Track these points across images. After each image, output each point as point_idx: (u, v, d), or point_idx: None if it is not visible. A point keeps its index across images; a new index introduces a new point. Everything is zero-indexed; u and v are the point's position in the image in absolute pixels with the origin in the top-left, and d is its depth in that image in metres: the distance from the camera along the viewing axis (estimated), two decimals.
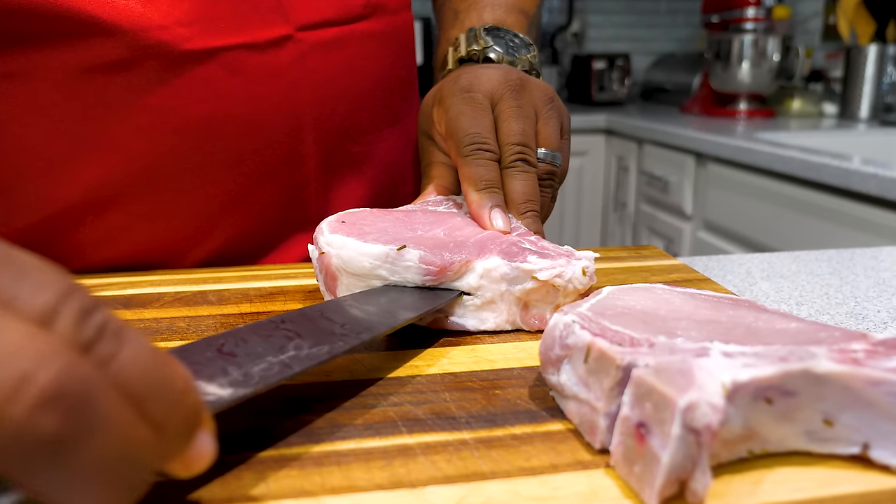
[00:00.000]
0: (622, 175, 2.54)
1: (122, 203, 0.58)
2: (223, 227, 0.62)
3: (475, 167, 0.51)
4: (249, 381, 0.30)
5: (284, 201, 0.64)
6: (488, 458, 0.31)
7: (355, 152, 0.67)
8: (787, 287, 0.60)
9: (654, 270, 0.57)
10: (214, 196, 0.61)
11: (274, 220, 0.64)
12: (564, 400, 0.34)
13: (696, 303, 0.37)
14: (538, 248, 0.45)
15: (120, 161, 0.57)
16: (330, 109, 0.64)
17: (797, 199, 1.61)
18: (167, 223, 0.60)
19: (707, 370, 0.28)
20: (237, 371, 0.31)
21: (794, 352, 0.30)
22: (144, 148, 0.57)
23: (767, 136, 1.92)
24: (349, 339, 0.36)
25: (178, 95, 0.56)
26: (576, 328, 0.33)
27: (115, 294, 0.51)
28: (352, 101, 0.65)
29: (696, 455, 0.27)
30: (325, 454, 0.31)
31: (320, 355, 0.34)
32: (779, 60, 2.35)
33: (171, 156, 0.58)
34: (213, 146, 0.59)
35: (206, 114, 0.57)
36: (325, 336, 0.36)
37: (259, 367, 0.32)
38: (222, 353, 0.32)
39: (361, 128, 0.67)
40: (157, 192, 0.59)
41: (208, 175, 0.60)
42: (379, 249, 0.44)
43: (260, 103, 0.59)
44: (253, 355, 0.33)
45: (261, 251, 0.65)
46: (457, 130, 0.53)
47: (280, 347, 0.34)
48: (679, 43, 3.31)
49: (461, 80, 0.56)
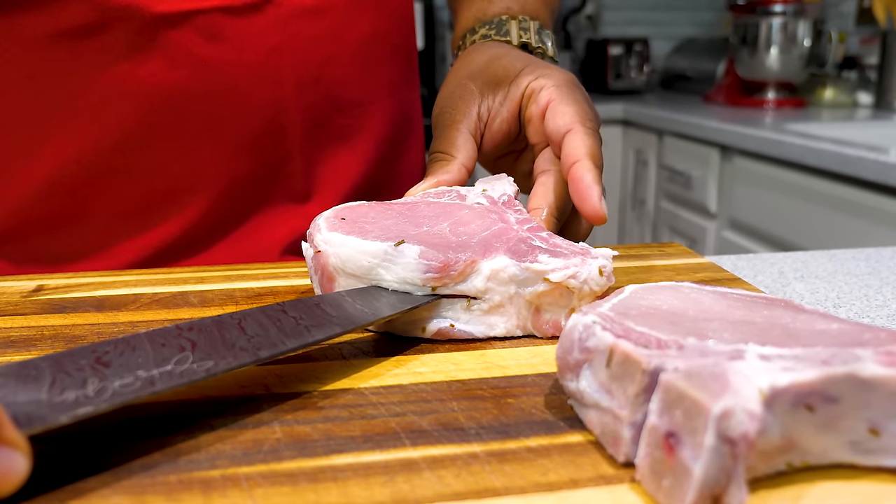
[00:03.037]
0: (641, 170, 2.53)
1: (95, 174, 0.59)
2: (200, 199, 0.63)
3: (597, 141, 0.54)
4: (96, 399, 0.31)
5: (266, 174, 0.65)
6: (501, 472, 0.30)
7: (344, 125, 0.68)
8: (823, 288, 0.60)
9: (679, 269, 0.57)
10: (191, 167, 0.61)
11: (254, 195, 0.65)
12: (584, 409, 0.34)
13: (727, 302, 0.37)
14: (550, 246, 0.45)
15: (93, 130, 0.58)
16: (314, 77, 0.64)
17: (830, 195, 1.61)
18: (142, 194, 0.61)
19: (742, 374, 0.28)
20: (94, 385, 0.31)
21: (837, 354, 0.30)
22: (118, 117, 0.58)
23: (798, 127, 1.92)
24: (243, 356, 0.35)
25: (151, 62, 0.57)
26: (597, 329, 0.33)
27: (87, 295, 0.51)
28: (338, 69, 0.65)
29: (731, 468, 0.27)
30: (321, 469, 0.31)
31: (196, 372, 0.34)
32: (810, 46, 2.35)
33: (145, 125, 0.59)
34: (189, 115, 0.60)
35: (181, 81, 0.58)
36: (220, 349, 0.36)
37: (120, 382, 0.32)
38: (98, 363, 0.33)
39: (350, 99, 0.67)
40: (131, 163, 0.60)
41: (184, 145, 0.60)
42: (376, 246, 0.44)
43: (238, 70, 0.60)
44: (126, 367, 0.33)
45: (240, 226, 0.66)
46: (588, 110, 0.56)
47: (163, 359, 0.34)
48: (702, 27, 3.31)
49: (562, 73, 0.58)
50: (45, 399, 0.30)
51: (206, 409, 0.35)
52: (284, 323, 0.39)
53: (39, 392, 0.31)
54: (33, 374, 0.32)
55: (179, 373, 0.33)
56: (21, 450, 0.27)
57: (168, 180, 0.61)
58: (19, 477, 0.27)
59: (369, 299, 0.43)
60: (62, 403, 0.30)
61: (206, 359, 0.35)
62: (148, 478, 0.30)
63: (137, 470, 0.31)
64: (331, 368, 0.40)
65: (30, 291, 0.52)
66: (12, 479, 0.27)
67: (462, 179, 0.55)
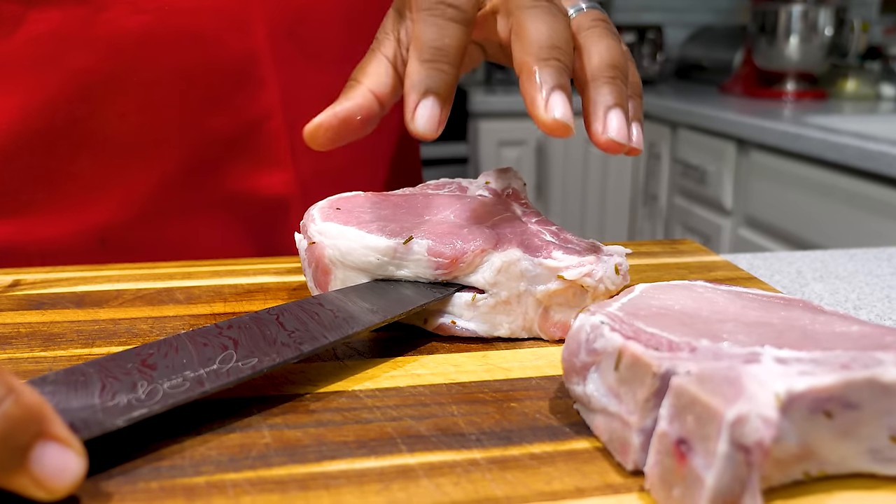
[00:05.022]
0: (653, 164, 2.53)
1: (56, 126, 0.59)
2: (171, 153, 0.63)
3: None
4: (148, 402, 0.32)
5: (243, 131, 0.65)
6: (503, 481, 0.30)
7: (326, 84, 0.67)
8: (843, 289, 0.60)
9: (691, 267, 0.57)
10: (160, 118, 0.61)
11: (230, 153, 0.65)
12: (591, 414, 0.34)
13: (742, 302, 0.37)
14: (561, 241, 0.45)
15: (51, 80, 0.58)
16: (287, 29, 0.64)
17: (851, 191, 1.60)
18: (109, 146, 0.61)
19: (758, 378, 0.28)
20: (144, 388, 0.33)
21: (858, 358, 0.30)
22: (78, 65, 0.58)
23: (818, 120, 1.92)
24: (286, 351, 0.37)
25: (112, 5, 0.57)
26: (605, 330, 0.33)
27: (66, 291, 0.51)
28: (317, 19, 0.65)
29: (745, 477, 0.26)
30: (312, 476, 0.31)
31: (242, 370, 0.35)
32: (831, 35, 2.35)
33: (107, 74, 0.59)
34: (154, 63, 0.60)
35: (145, 27, 0.58)
36: (262, 346, 0.37)
37: (169, 383, 0.34)
38: (144, 366, 0.35)
39: (332, 54, 0.67)
40: (95, 113, 0.60)
41: (149, 95, 0.60)
42: (384, 243, 0.44)
43: (205, 16, 0.60)
44: (172, 368, 0.35)
45: (217, 184, 0.66)
46: None
47: (207, 359, 0.36)
48: (719, 14, 3.31)
49: None
50: (98, 404, 0.32)
51: (190, 411, 0.35)
52: (322, 316, 0.41)
53: (91, 397, 0.32)
54: (82, 381, 0.33)
55: (226, 371, 0.35)
56: (74, 449, 0.28)
57: (136, 132, 0.61)
58: (73, 476, 0.28)
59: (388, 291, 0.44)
60: (115, 407, 0.32)
61: (250, 356, 0.36)
62: (128, 485, 0.30)
63: (117, 476, 0.30)
64: (324, 370, 0.40)
65: (6, 286, 0.52)
66: (66, 477, 0.28)
67: (367, 106, 0.48)
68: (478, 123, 2.66)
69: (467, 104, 2.62)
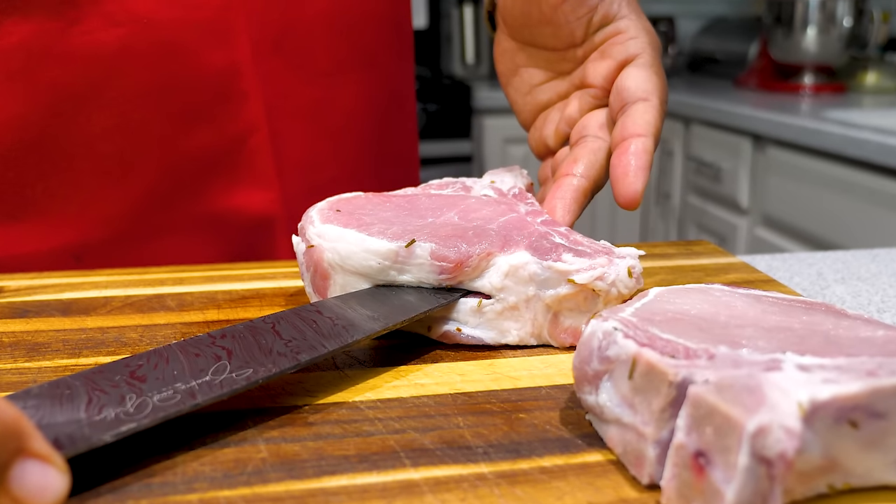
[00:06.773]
0: (665, 161, 2.53)
1: (28, 143, 0.59)
2: (149, 170, 0.63)
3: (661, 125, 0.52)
4: (137, 415, 0.32)
5: (225, 147, 0.65)
6: (511, 496, 0.30)
7: (313, 98, 0.67)
8: (866, 291, 0.60)
9: (708, 270, 0.57)
10: (137, 135, 0.61)
11: (212, 170, 0.65)
12: (604, 425, 0.34)
13: (762, 306, 0.37)
14: (571, 243, 0.45)
15: (19, 95, 0.58)
16: (272, 41, 0.64)
17: (873, 189, 1.60)
18: (84, 164, 0.61)
19: (780, 387, 0.28)
20: (132, 401, 0.33)
21: (884, 364, 0.30)
22: (48, 79, 0.58)
23: (837, 114, 1.91)
24: (282, 361, 0.37)
25: (86, 18, 0.57)
26: (618, 337, 0.32)
27: (52, 298, 0.51)
28: (300, 33, 0.65)
29: (766, 491, 0.26)
30: (311, 493, 0.31)
31: (237, 382, 0.35)
32: (850, 26, 2.35)
33: (81, 89, 0.59)
34: (129, 78, 0.60)
35: (120, 41, 0.58)
36: (258, 356, 0.37)
37: (159, 396, 0.34)
38: (133, 378, 0.35)
39: (318, 67, 0.67)
40: (70, 130, 0.60)
41: (126, 111, 0.60)
42: (386, 247, 0.43)
43: (184, 28, 0.60)
44: (162, 380, 0.35)
45: (198, 203, 0.66)
46: (666, 87, 0.53)
47: (200, 370, 0.36)
48: (733, 5, 3.31)
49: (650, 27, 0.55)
50: (85, 418, 0.32)
51: (182, 425, 0.35)
52: (321, 324, 0.41)
53: (78, 411, 0.32)
54: (68, 394, 0.33)
55: (219, 383, 0.35)
56: (56, 466, 0.28)
57: (112, 148, 0.61)
58: (55, 494, 0.28)
59: (389, 297, 0.44)
60: (103, 422, 0.32)
61: (245, 367, 0.36)
62: (117, 502, 0.30)
63: (105, 493, 0.30)
64: (323, 380, 0.40)
65: None
66: (48, 496, 0.28)
67: None
68: (482, 120, 2.66)
69: (471, 100, 2.62)
